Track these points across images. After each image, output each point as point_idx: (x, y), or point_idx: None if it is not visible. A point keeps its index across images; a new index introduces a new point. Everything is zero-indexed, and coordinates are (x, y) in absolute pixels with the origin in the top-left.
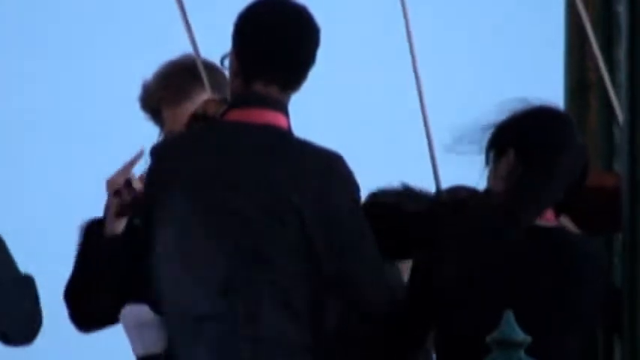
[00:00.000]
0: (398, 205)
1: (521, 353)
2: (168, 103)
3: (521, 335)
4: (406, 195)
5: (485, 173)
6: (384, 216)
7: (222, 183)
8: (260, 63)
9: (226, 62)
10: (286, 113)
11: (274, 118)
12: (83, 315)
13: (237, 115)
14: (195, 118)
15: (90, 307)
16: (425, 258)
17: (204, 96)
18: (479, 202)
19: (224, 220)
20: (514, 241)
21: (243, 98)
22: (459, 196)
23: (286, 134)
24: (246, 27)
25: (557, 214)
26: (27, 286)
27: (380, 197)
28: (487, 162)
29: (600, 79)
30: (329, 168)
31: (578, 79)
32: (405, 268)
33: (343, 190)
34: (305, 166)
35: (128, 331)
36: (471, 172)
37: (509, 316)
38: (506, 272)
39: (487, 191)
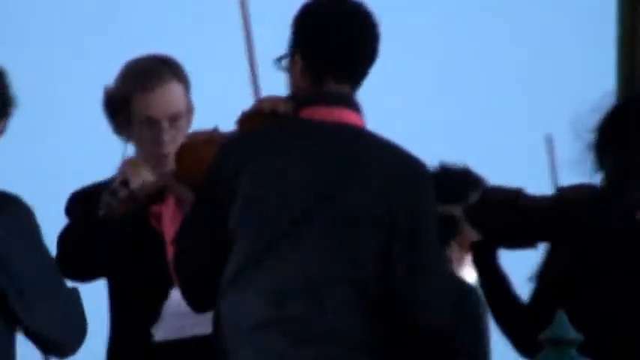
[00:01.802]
0: (516, 200)
1: (573, 352)
2: (140, 89)
3: (573, 334)
4: (520, 193)
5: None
6: (502, 210)
7: (309, 184)
8: (331, 62)
9: (283, 62)
10: (359, 111)
11: (351, 116)
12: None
13: (313, 112)
14: (262, 116)
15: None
16: (551, 251)
17: (177, 84)
18: (595, 198)
19: (312, 221)
20: (626, 233)
21: (317, 96)
22: (581, 193)
23: (367, 134)
24: (310, 26)
25: None
26: (76, 299)
27: (491, 193)
28: (596, 166)
29: None
30: (416, 171)
31: (629, 73)
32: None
33: (428, 194)
34: (393, 168)
35: (165, 313)
36: None
37: (561, 314)
38: (619, 264)
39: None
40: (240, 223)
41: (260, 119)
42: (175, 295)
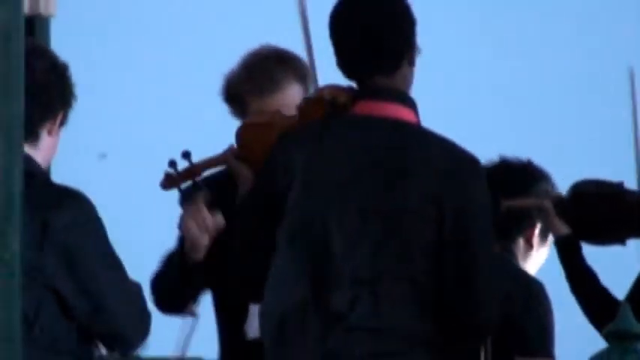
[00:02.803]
0: (621, 193)
1: (638, 345)
2: (257, 93)
3: (638, 327)
4: (620, 186)
5: None
6: (603, 203)
7: (359, 180)
8: (353, 61)
9: None
10: (412, 106)
11: (404, 112)
12: (167, 306)
13: (366, 107)
14: (322, 103)
15: (173, 303)
16: None
17: (295, 86)
18: None
19: (365, 217)
20: None
21: (366, 91)
22: None
23: (419, 130)
24: (332, 30)
25: None
26: (140, 294)
27: (586, 187)
28: None
29: None
30: (468, 169)
31: None
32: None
33: (480, 192)
34: (444, 166)
35: (253, 310)
36: None
37: (625, 308)
38: None
39: None
40: (290, 215)
41: (319, 107)
42: None
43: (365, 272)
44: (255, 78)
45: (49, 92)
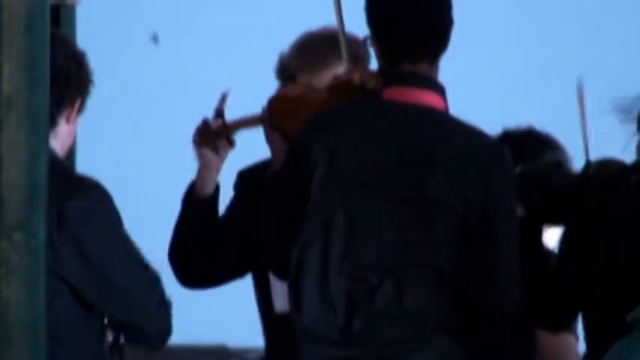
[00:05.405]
0: (549, 176)
1: None
2: (304, 70)
3: None
4: (557, 168)
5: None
6: (535, 185)
7: (383, 168)
8: (399, 41)
9: (369, 43)
10: (441, 92)
11: (432, 99)
12: (186, 274)
13: (394, 94)
14: (351, 86)
15: (191, 267)
16: (572, 233)
17: (341, 67)
18: (627, 179)
19: (389, 206)
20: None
21: (398, 77)
22: (608, 170)
23: (446, 118)
24: (377, 10)
25: None
26: (158, 285)
27: (531, 167)
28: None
29: None
30: (493, 159)
31: None
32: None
33: (506, 182)
34: (469, 156)
35: (274, 284)
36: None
37: None
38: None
39: (636, 166)
40: (314, 201)
41: (348, 89)
42: None
43: (388, 260)
44: (306, 56)
45: (67, 80)
